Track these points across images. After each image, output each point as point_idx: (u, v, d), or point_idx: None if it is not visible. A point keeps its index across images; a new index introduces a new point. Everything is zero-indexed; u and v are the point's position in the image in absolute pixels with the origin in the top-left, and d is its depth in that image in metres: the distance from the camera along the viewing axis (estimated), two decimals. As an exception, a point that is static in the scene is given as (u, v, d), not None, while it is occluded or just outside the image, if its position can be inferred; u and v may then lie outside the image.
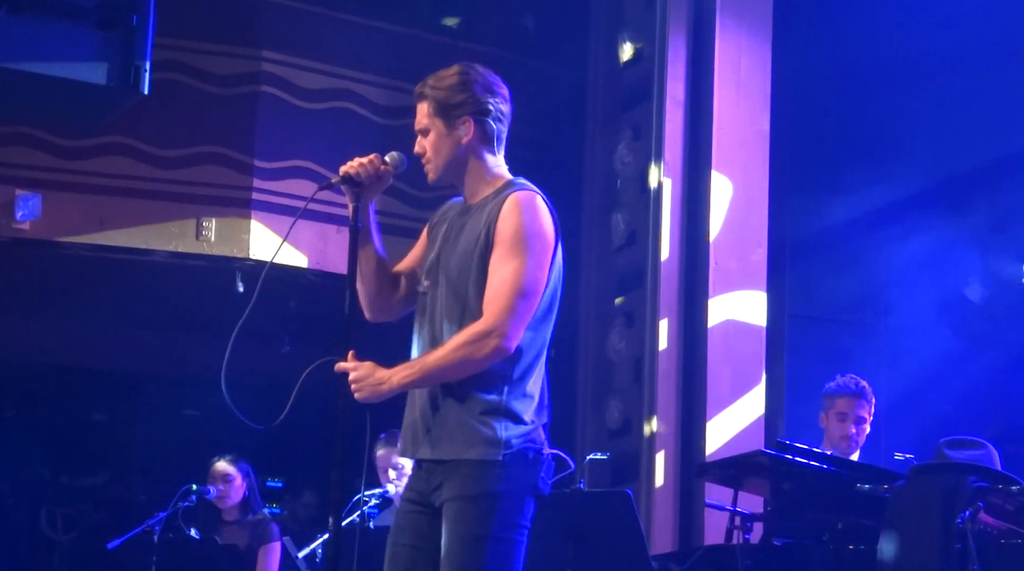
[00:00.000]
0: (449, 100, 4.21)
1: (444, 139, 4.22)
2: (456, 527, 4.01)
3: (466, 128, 4.20)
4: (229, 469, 8.16)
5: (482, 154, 4.24)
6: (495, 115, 4.25)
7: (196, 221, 8.96)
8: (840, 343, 9.45)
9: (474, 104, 4.21)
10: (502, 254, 4.06)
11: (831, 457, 6.26)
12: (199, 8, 8.96)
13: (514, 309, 4.02)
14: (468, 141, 4.21)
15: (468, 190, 4.26)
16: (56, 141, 8.76)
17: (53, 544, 11.08)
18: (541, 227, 4.10)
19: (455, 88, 4.22)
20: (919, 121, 9.18)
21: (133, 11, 4.50)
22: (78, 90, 4.57)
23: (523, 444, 4.05)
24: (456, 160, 4.22)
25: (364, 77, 9.43)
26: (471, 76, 4.25)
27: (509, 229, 4.07)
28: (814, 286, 9.38)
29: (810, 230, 9.39)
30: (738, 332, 8.44)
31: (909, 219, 9.23)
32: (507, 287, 4.03)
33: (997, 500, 5.34)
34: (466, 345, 4.01)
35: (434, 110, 4.22)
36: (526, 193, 4.15)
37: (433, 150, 4.23)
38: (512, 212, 4.09)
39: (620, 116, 9.12)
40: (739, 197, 8.57)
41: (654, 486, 8.37)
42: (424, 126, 4.24)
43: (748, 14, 8.71)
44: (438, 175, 4.25)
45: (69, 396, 11.53)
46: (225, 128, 9.09)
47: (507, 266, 4.04)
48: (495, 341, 4.00)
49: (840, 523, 6.02)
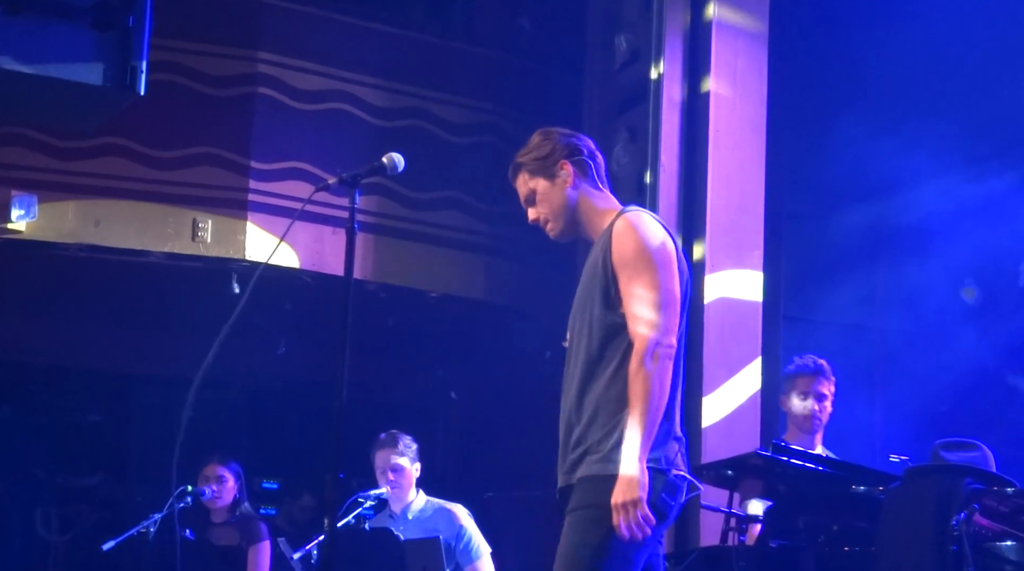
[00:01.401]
0: (540, 156, 4.38)
1: (551, 191, 4.37)
2: (567, 535, 4.15)
3: (565, 172, 4.37)
4: (221, 470, 8.18)
5: (589, 192, 4.40)
6: (587, 153, 4.42)
7: (192, 222, 8.96)
8: (836, 345, 9.46)
9: (563, 149, 4.39)
10: (630, 275, 4.18)
11: (826, 459, 6.26)
12: (196, 9, 8.97)
13: (656, 318, 4.13)
14: (572, 181, 4.36)
15: (589, 232, 4.40)
16: (52, 142, 8.76)
17: (48, 545, 11.07)
18: (657, 240, 4.22)
19: (540, 146, 4.41)
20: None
21: (129, 12, 4.49)
22: (74, 91, 4.56)
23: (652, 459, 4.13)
24: (569, 206, 4.37)
25: (360, 78, 9.43)
26: (549, 131, 4.45)
27: (628, 251, 4.20)
28: (812, 290, 9.39)
29: (807, 234, 9.39)
30: (735, 335, 8.44)
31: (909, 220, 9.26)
32: (647, 300, 4.13)
33: (992, 502, 5.35)
34: (640, 368, 4.10)
35: (531, 172, 4.39)
36: (632, 213, 4.28)
37: (546, 207, 4.38)
38: (623, 235, 4.22)
39: (616, 118, 9.12)
40: (736, 200, 8.57)
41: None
42: (528, 192, 4.40)
43: (745, 15, 8.72)
44: (561, 229, 4.40)
45: (65, 397, 11.52)
46: (221, 129, 9.09)
47: (638, 283, 4.15)
48: (656, 348, 4.11)
49: (835, 525, 6.01)
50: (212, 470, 8.18)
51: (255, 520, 8.26)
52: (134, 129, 8.77)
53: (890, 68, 9.08)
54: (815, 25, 9.05)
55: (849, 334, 9.67)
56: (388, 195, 9.33)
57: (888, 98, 9.21)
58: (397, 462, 7.39)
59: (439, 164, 9.34)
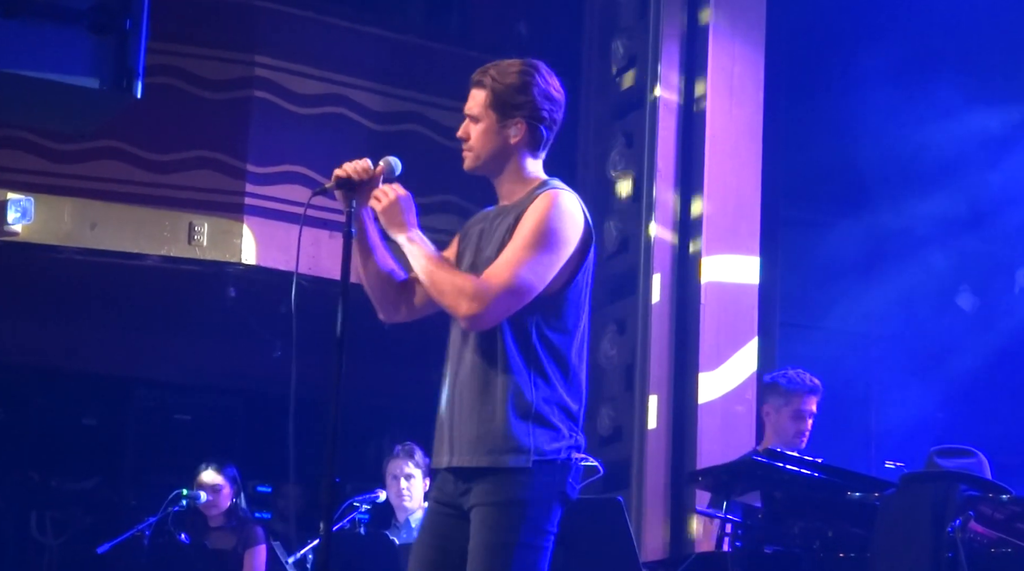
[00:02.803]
0: (508, 98, 4.19)
1: (493, 133, 4.20)
2: (484, 533, 4.01)
3: (518, 129, 4.19)
4: (217, 476, 8.18)
5: (524, 156, 4.23)
6: (548, 123, 4.25)
7: (188, 225, 8.95)
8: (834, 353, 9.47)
9: (532, 109, 4.20)
10: (515, 242, 4.04)
11: (822, 465, 6.26)
12: (193, 13, 8.96)
13: (500, 296, 3.98)
14: (516, 142, 4.20)
15: (504, 190, 4.25)
16: (48, 145, 8.75)
17: (43, 548, 11.06)
18: (563, 226, 4.07)
19: (517, 88, 4.19)
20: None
21: (126, 15, 4.49)
22: (71, 94, 4.56)
23: (553, 450, 4.03)
24: (498, 156, 4.21)
25: (357, 82, 9.43)
26: (534, 79, 4.22)
27: (531, 221, 4.05)
28: (809, 296, 9.39)
29: (803, 240, 9.40)
30: (730, 339, 8.44)
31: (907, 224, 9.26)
32: (506, 274, 3.99)
33: (987, 509, 5.35)
34: (454, 292, 4.00)
35: (491, 102, 4.20)
36: (559, 191, 4.14)
37: (479, 140, 4.21)
38: (540, 206, 4.08)
39: (613, 123, 9.12)
40: (732, 205, 8.57)
41: (645, 493, 8.37)
42: (476, 114, 4.22)
43: (742, 22, 8.72)
44: (476, 165, 4.24)
45: (60, 400, 11.51)
46: (218, 133, 9.09)
47: (515, 254, 4.02)
48: (471, 310, 3.98)
49: (831, 531, 6.01)
50: (207, 475, 8.17)
51: (252, 524, 8.26)
52: (131, 132, 8.77)
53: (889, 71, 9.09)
54: (811, 31, 9.05)
55: (845, 341, 9.67)
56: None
57: (886, 101, 9.22)
58: (411, 472, 7.57)
59: (436, 168, 9.33)
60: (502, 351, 4.04)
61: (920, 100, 8.97)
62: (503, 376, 4.02)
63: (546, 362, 4.05)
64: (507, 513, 4.00)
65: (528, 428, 4.01)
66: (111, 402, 11.67)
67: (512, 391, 4.02)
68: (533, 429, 4.01)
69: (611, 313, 8.80)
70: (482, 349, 4.06)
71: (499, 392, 4.02)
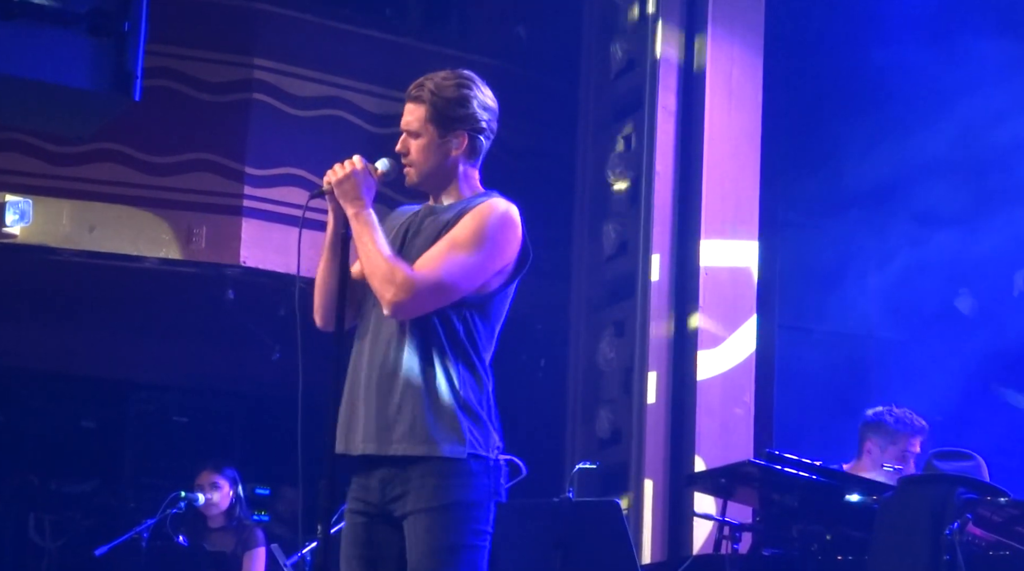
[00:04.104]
0: (448, 112, 4.17)
1: (434, 148, 4.18)
2: (426, 540, 3.96)
3: (459, 142, 4.18)
4: (216, 477, 8.17)
5: (465, 167, 4.21)
6: (487, 133, 4.23)
7: (187, 228, 8.95)
8: (834, 356, 9.46)
9: (472, 122, 4.18)
10: (452, 239, 4.04)
11: (820, 468, 6.26)
12: (191, 15, 8.96)
13: (427, 290, 3.99)
14: (457, 154, 4.18)
15: (440, 196, 4.23)
16: (47, 147, 8.75)
17: (41, 551, 11.05)
18: (501, 235, 4.08)
19: (457, 101, 4.17)
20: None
21: (125, 18, 4.48)
22: (69, 96, 4.55)
23: (485, 448, 4.04)
24: (440, 170, 4.19)
25: (356, 85, 9.43)
26: (472, 92, 4.20)
27: (471, 223, 4.06)
28: (806, 304, 9.39)
29: (801, 242, 9.40)
30: (729, 340, 8.45)
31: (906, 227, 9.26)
32: (438, 270, 4.00)
33: (985, 512, 5.35)
34: (384, 277, 4.00)
35: (431, 117, 4.18)
36: (503, 202, 4.14)
37: (420, 155, 4.19)
38: (483, 211, 4.08)
39: (612, 125, 9.13)
40: (730, 208, 8.58)
41: (643, 496, 8.37)
42: (415, 129, 4.20)
43: (740, 24, 8.73)
44: (420, 180, 4.22)
45: (58, 402, 11.50)
46: (216, 135, 9.08)
47: (449, 251, 4.02)
48: (396, 297, 3.98)
49: (829, 534, 6.02)
50: (207, 477, 8.17)
51: (251, 526, 8.26)
52: (129, 134, 8.76)
53: (887, 75, 9.09)
54: (811, 33, 9.05)
55: (843, 343, 9.67)
56: (382, 201, 9.29)
57: (884, 106, 9.22)
58: None
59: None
60: (437, 343, 4.04)
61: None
62: (439, 368, 4.02)
63: (476, 361, 4.08)
64: (447, 517, 3.97)
65: (464, 420, 4.01)
66: (109, 405, 11.66)
67: (448, 383, 4.02)
68: (468, 422, 4.02)
69: (609, 315, 8.80)
70: (417, 338, 4.04)
71: (435, 383, 4.01)
